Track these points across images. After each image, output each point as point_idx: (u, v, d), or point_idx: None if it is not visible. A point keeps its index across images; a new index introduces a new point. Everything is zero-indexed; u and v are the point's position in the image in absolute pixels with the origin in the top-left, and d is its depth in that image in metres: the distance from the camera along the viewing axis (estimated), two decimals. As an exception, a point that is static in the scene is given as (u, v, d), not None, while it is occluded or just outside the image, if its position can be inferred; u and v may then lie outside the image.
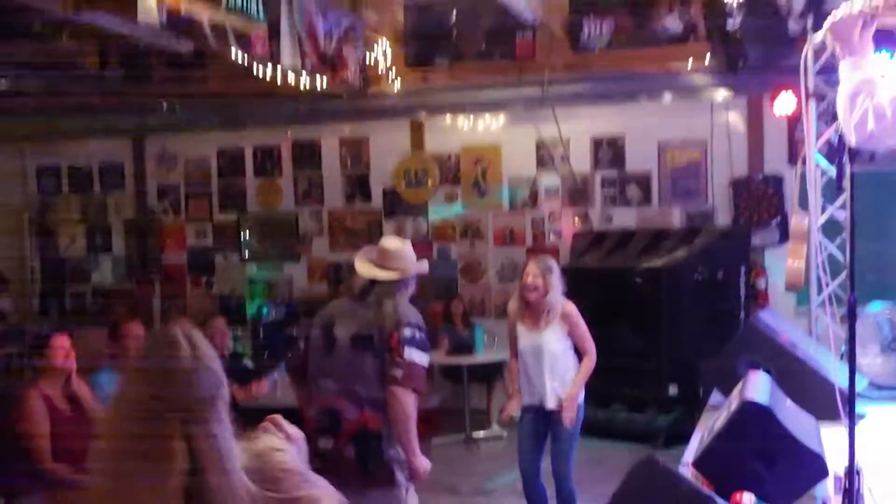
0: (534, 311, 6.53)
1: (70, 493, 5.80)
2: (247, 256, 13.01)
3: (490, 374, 10.31)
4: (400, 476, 4.97)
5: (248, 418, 2.39)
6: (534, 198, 11.60)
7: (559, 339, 6.50)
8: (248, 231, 13.07)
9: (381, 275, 5.14)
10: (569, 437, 6.48)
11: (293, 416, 5.13)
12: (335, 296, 12.14)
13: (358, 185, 12.49)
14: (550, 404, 6.47)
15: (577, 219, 11.36)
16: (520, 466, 6.68)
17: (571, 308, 6.54)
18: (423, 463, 5.00)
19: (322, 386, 5.17)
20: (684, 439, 5.30)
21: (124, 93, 11.48)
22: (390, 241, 5.42)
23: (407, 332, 4.92)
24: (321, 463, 4.74)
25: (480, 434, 10.31)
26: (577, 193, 11.34)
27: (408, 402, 4.88)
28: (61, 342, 6.14)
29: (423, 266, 5.39)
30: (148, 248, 13.50)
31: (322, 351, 5.18)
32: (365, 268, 5.20)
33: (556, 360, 6.49)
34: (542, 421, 6.56)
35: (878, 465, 3.89)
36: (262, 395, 8.13)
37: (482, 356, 10.08)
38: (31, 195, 14.20)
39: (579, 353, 6.60)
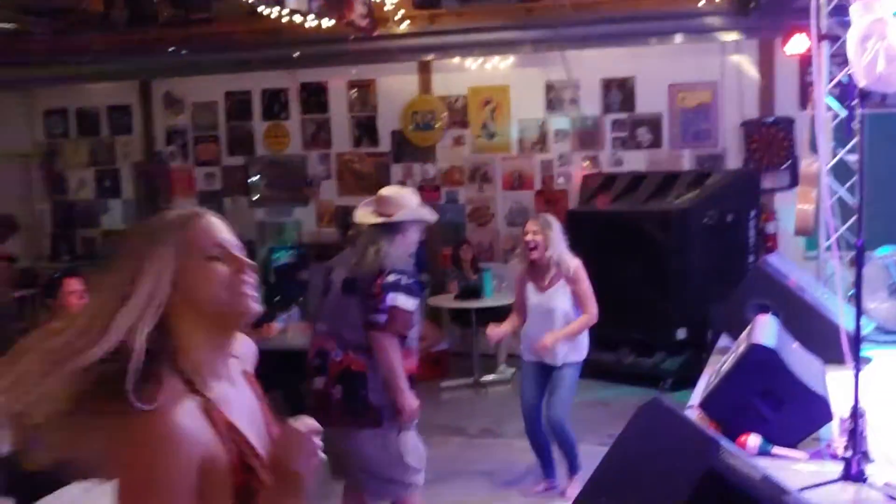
0: (539, 270, 6.53)
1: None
2: (255, 200, 13.02)
3: (499, 318, 10.28)
4: (388, 418, 5.01)
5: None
6: (543, 141, 11.54)
7: (566, 298, 6.49)
8: (256, 175, 13.06)
9: (369, 220, 5.13)
10: (566, 389, 6.52)
11: (303, 357, 5.26)
12: (344, 239, 12.24)
13: (366, 129, 12.44)
14: (556, 362, 6.53)
15: (586, 162, 11.31)
16: (522, 412, 6.73)
17: (576, 264, 6.49)
18: (411, 402, 5.01)
19: (318, 328, 5.30)
20: (692, 383, 5.30)
21: (130, 35, 11.48)
22: (388, 188, 5.44)
23: (391, 277, 4.93)
24: (314, 402, 5.08)
25: (489, 378, 10.33)
26: (586, 136, 11.29)
27: (390, 346, 4.93)
28: (73, 285, 6.19)
29: (421, 213, 5.28)
30: (157, 192, 13.49)
31: (320, 295, 5.29)
32: (360, 213, 5.22)
33: (568, 319, 6.50)
34: (545, 374, 6.60)
35: (883, 408, 3.90)
36: (272, 337, 8.15)
37: (490, 300, 10.07)
38: (39, 139, 14.19)
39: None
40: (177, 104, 13.45)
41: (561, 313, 6.47)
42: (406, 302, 4.95)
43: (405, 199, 5.23)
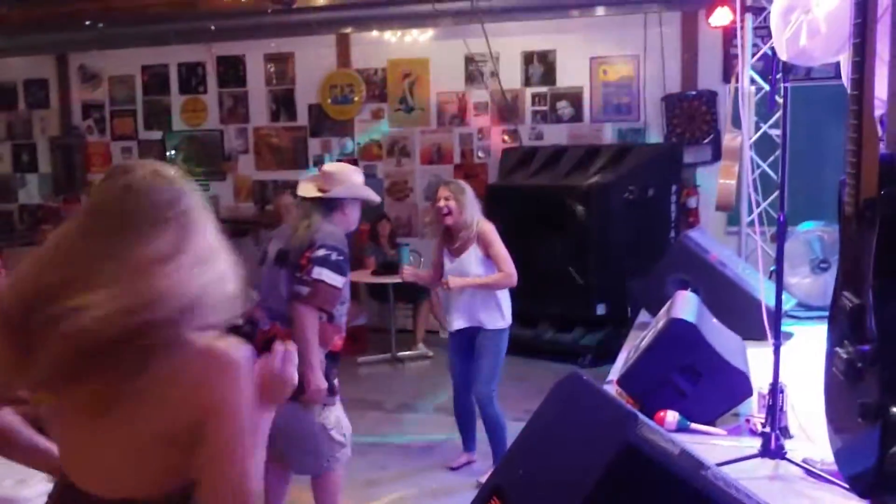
0: (454, 236, 6.43)
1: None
2: (172, 174, 12.81)
3: (416, 294, 10.25)
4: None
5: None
6: (462, 114, 11.46)
7: (479, 262, 6.36)
8: (173, 149, 12.88)
9: (308, 193, 5.17)
10: (489, 358, 6.41)
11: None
12: (261, 215, 12.14)
13: (283, 102, 12.30)
14: (476, 322, 6.42)
15: (506, 136, 11.25)
16: (452, 382, 6.69)
17: (487, 227, 6.37)
18: (317, 380, 4.94)
19: (250, 297, 5.18)
20: (611, 358, 5.29)
21: (46, 8, 11.29)
22: (332, 164, 5.52)
23: (321, 251, 4.91)
24: None
25: (406, 353, 10.29)
26: (506, 110, 11.21)
27: (308, 319, 4.91)
28: (-11, 261, 6.08)
29: (361, 191, 5.29)
30: (74, 167, 13.34)
31: (257, 265, 5.27)
32: (301, 187, 5.25)
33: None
34: (468, 342, 6.49)
35: (803, 383, 3.88)
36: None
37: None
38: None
39: None
40: (94, 78, 13.26)
41: (475, 278, 6.36)
42: (332, 277, 4.92)
43: (345, 176, 5.24)
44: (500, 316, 6.45)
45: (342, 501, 5.41)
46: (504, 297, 6.48)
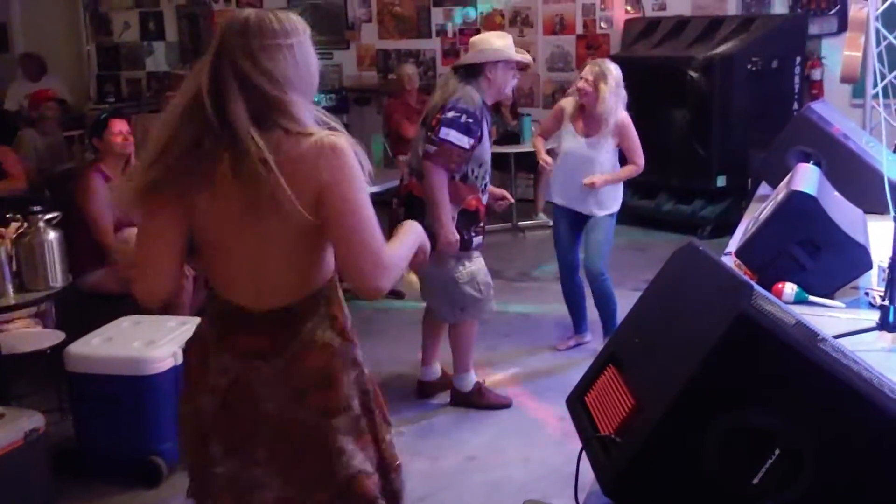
0: (587, 117, 6.32)
1: (128, 268, 6.09)
2: (296, 43, 12.91)
3: (536, 164, 10.29)
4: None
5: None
6: (586, -16, 11.31)
7: (610, 152, 6.32)
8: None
9: (458, 62, 5.58)
10: (602, 235, 6.41)
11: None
12: (384, 84, 12.25)
13: (407, -29, 12.26)
14: (587, 211, 6.41)
15: (629, 6, 11.11)
16: (558, 259, 6.70)
17: (625, 120, 6.26)
18: (446, 234, 5.32)
19: (405, 160, 6.06)
20: (730, 231, 5.32)
21: None
22: (482, 34, 5.80)
23: (451, 113, 5.23)
24: (392, 221, 5.49)
25: (526, 222, 10.39)
26: (630, -21, 11.07)
27: (435, 176, 5.27)
28: (120, 126, 6.29)
29: (501, 53, 5.43)
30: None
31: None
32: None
33: (603, 173, 6.32)
34: (578, 222, 6.50)
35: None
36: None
37: (529, 145, 10.04)
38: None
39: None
40: (223, -54, 13.29)
41: (601, 167, 6.30)
42: (458, 138, 5.23)
43: (486, 42, 5.49)
44: (615, 200, 6.45)
45: (471, 355, 5.86)
46: (620, 184, 6.50)
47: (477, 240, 5.57)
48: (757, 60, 9.39)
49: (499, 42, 5.47)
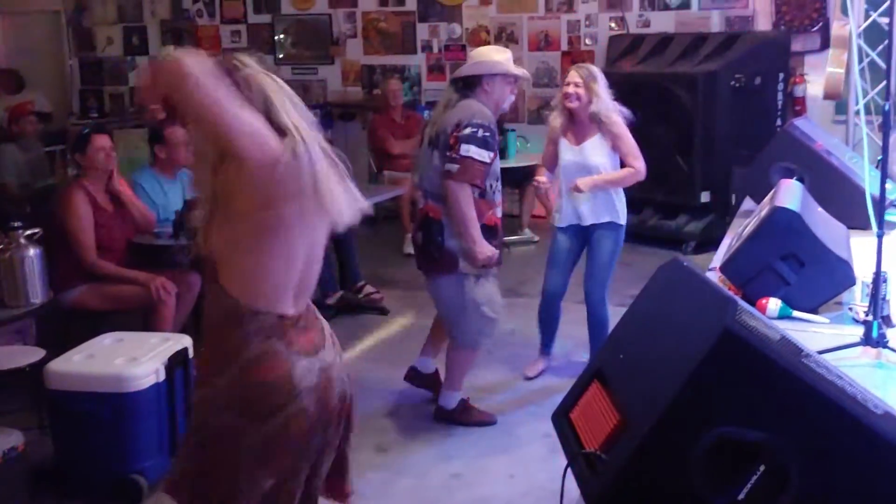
0: (577, 123, 6.14)
1: (111, 286, 6.07)
2: (281, 59, 12.94)
3: (522, 180, 10.30)
4: (464, 265, 5.37)
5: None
6: (570, 1, 11.36)
7: (604, 154, 6.07)
8: (282, 33, 12.97)
9: (456, 75, 5.54)
10: (606, 255, 6.20)
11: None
12: (368, 99, 12.25)
13: (392, -13, 12.28)
14: (588, 220, 6.16)
15: (613, 23, 11.16)
16: (547, 283, 6.45)
17: (617, 118, 6.06)
18: (482, 250, 5.30)
19: (413, 180, 6.05)
20: (714, 246, 5.33)
21: None
22: (480, 48, 5.77)
23: (468, 129, 5.19)
24: (413, 249, 5.77)
25: (512, 238, 10.37)
26: (614, -4, 11.12)
27: (461, 195, 5.22)
28: (102, 142, 6.26)
29: (499, 67, 5.40)
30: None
31: (417, 147, 5.72)
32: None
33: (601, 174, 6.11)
34: (578, 240, 6.29)
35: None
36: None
37: (514, 161, 10.05)
38: (67, -4, 14.10)
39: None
40: (205, -39, 13.30)
41: (596, 169, 6.07)
42: (479, 153, 5.20)
43: (483, 55, 5.51)
44: (617, 211, 6.20)
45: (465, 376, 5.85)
46: (623, 194, 6.27)
47: (497, 255, 5.51)
48: (740, 77, 9.42)
49: (497, 56, 5.45)
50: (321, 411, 2.88)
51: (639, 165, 6.13)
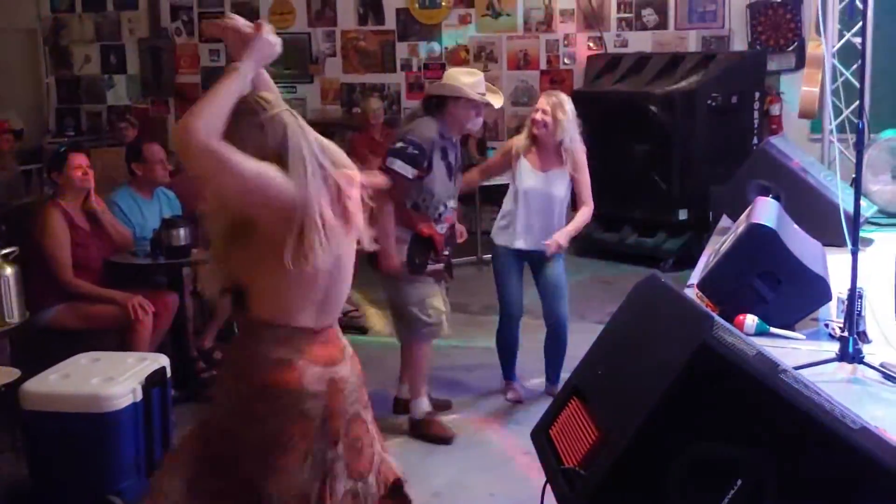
0: (541, 149, 6.10)
1: (88, 305, 6.02)
2: (259, 77, 12.89)
3: (502, 198, 10.30)
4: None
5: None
6: (549, 21, 11.42)
7: (565, 185, 6.06)
8: (260, 51, 12.91)
9: (426, 93, 5.85)
10: (562, 280, 6.20)
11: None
12: (347, 118, 12.24)
13: (371, 6, 12.29)
14: (548, 250, 6.01)
15: (591, 43, 11.20)
16: (507, 308, 6.39)
17: (581, 155, 6.05)
18: (385, 259, 5.45)
19: None
20: (692, 263, 5.34)
21: None
22: (453, 69, 5.88)
23: (399, 144, 5.46)
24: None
25: (489, 256, 10.35)
26: (592, 16, 11.16)
27: (382, 205, 5.26)
28: (79, 160, 6.22)
29: (462, 91, 5.46)
30: (162, 68, 13.45)
31: None
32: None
33: (562, 208, 6.13)
34: (519, 260, 6.30)
35: (882, 289, 3.93)
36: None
37: (495, 179, 10.04)
38: (45, 13, 14.03)
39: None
40: (184, -21, 13.27)
41: (559, 201, 6.09)
42: (403, 167, 5.41)
43: (452, 77, 5.60)
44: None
45: (424, 379, 5.92)
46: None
47: (432, 266, 5.67)
48: (717, 96, 9.48)
49: (465, 79, 5.50)
50: (326, 420, 2.87)
51: (591, 201, 6.14)
